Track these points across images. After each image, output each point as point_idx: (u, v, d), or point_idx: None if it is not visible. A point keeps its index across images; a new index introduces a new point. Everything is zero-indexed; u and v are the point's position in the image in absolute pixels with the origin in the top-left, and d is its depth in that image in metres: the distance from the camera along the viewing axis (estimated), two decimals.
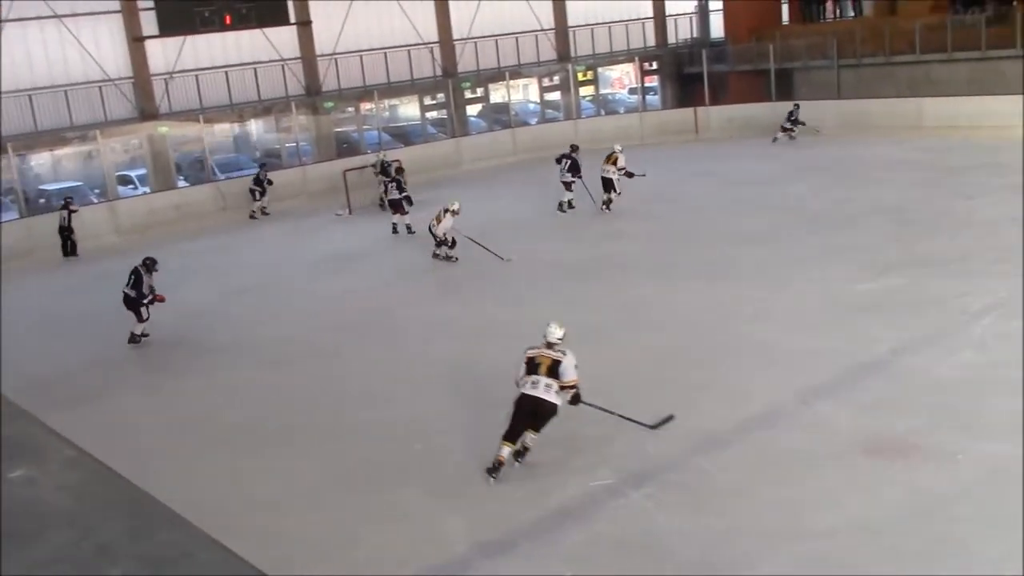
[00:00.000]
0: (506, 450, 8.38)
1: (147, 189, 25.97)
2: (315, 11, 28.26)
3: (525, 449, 8.58)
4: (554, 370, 8.33)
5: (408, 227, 19.53)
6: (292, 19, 27.85)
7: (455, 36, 31.20)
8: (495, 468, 8.35)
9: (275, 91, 27.85)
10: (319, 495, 8.53)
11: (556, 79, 34.13)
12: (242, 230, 21.95)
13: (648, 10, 35.57)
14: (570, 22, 33.62)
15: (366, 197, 23.08)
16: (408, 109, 32.37)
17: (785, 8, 35.07)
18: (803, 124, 25.73)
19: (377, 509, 8.19)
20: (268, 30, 27.40)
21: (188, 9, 25.40)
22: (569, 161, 19.79)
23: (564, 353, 8.44)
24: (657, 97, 36.03)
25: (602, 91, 36.52)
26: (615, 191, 19.35)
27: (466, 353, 11.96)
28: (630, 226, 18.21)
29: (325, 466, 9.14)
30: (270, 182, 23.34)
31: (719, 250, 15.60)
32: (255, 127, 29.53)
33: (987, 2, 26.79)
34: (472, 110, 33.02)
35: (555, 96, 34.72)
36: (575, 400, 8.43)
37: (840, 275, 13.37)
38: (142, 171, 26.75)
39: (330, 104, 29.14)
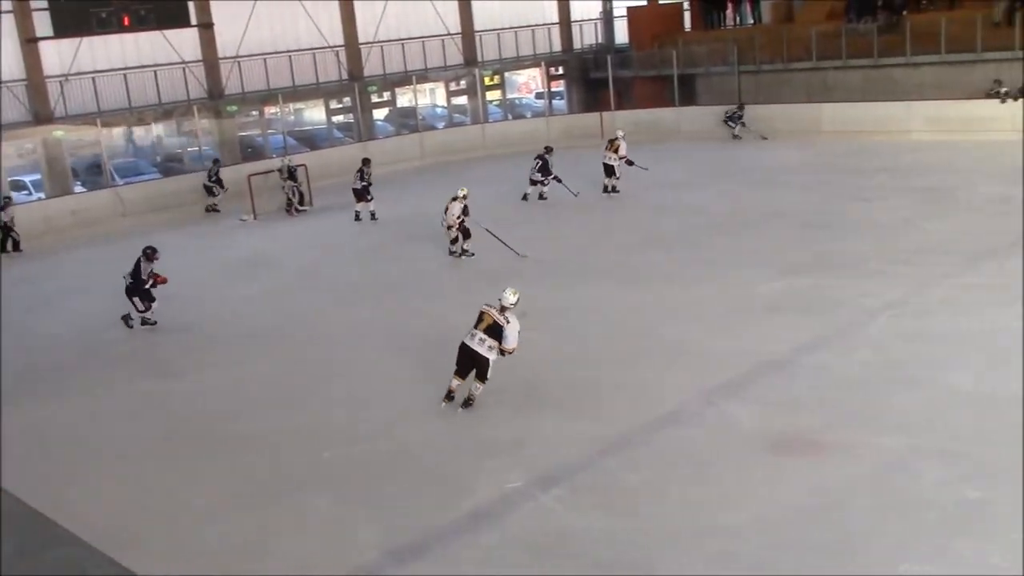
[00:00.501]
0: (455, 382, 9.70)
1: (42, 195, 25.12)
2: (217, 13, 27.70)
3: (471, 398, 9.68)
4: (495, 331, 9.41)
5: (372, 214, 20.39)
6: (193, 21, 27.27)
7: (361, 39, 30.93)
8: (447, 396, 9.75)
9: (176, 94, 27.20)
10: (223, 507, 8.35)
11: (463, 83, 34.14)
12: (142, 236, 21.30)
13: (554, 15, 35.83)
14: (476, 26, 33.64)
15: (271, 202, 22.72)
16: (314, 113, 31.98)
17: (687, 15, 35.67)
18: (744, 125, 26.31)
19: (285, 519, 8.06)
20: (168, 32, 26.78)
21: (84, 10, 24.64)
22: (540, 162, 20.58)
23: (508, 321, 9.45)
24: (563, 102, 36.30)
25: (509, 95, 36.65)
26: (616, 176, 20.43)
27: (377, 358, 11.87)
28: (540, 229, 18.29)
29: (230, 477, 8.96)
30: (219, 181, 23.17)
31: (628, 252, 15.78)
32: (156, 131, 28.81)
33: (878, 12, 27.66)
34: (379, 114, 32.80)
35: (462, 100, 34.71)
36: (503, 354, 9.50)
37: (746, 277, 13.63)
38: (36, 176, 25.87)
39: (233, 107, 28.60)
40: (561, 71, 35.98)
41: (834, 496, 7.61)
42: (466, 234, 16.27)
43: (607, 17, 36.25)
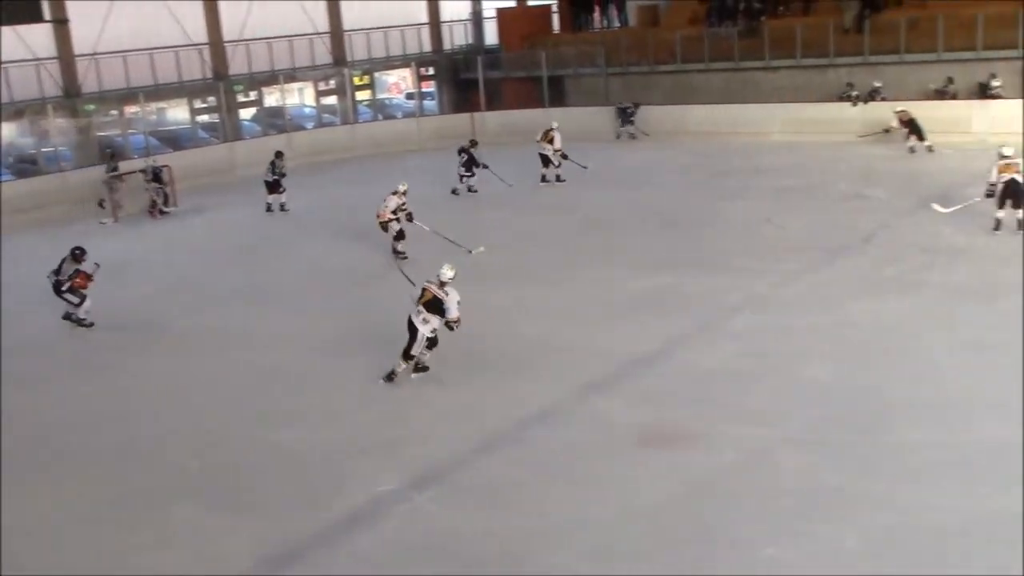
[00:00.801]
0: (402, 364, 10.31)
1: None
2: (73, 9, 26.59)
3: (425, 367, 10.48)
4: (435, 305, 10.10)
5: (282, 205, 20.59)
6: (47, 16, 26.15)
7: (226, 37, 30.20)
8: (389, 376, 10.35)
9: (29, 92, 26.02)
10: (82, 521, 8.05)
11: (332, 83, 33.69)
12: None
13: (423, 15, 35.72)
14: (345, 26, 33.26)
15: (134, 204, 21.99)
16: (177, 112, 31.04)
17: (556, 17, 36.08)
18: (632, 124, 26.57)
19: (152, 533, 7.81)
20: (21, 27, 25.61)
21: None
22: (466, 156, 20.85)
23: (447, 294, 10.14)
24: (434, 102, 36.24)
25: (379, 96, 36.37)
26: (555, 165, 20.84)
27: (243, 364, 11.64)
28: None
29: (89, 492, 8.61)
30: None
31: (496, 251, 15.84)
32: (7, 130, 27.47)
33: (739, 17, 28.57)
34: (245, 114, 32.08)
35: (332, 100, 34.28)
36: (451, 327, 10.18)
37: (613, 275, 13.89)
38: None
39: (91, 107, 27.55)
40: (431, 72, 35.91)
41: (701, 486, 7.83)
42: (400, 235, 15.86)
43: (477, 18, 36.34)
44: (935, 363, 9.93)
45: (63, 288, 13.43)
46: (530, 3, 37.94)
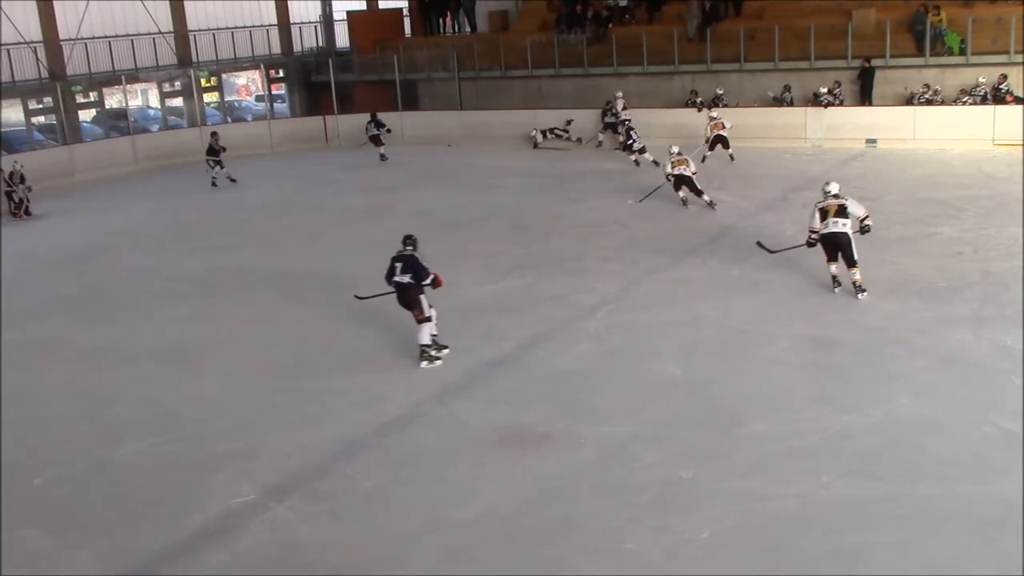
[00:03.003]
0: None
1: None
2: None
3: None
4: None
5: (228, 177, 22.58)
6: None
7: (62, 36, 28.91)
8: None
9: None
10: None
11: (178, 84, 32.70)
12: None
13: (272, 17, 35.04)
14: (190, 26, 32.33)
15: None
16: (10, 113, 29.50)
17: (407, 21, 36.00)
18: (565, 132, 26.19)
19: None
20: None
21: None
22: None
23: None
24: (285, 105, 35.62)
25: (228, 98, 35.49)
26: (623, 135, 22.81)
27: (80, 375, 11.17)
28: (245, 236, 17.85)
29: None
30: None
31: (341, 257, 15.68)
32: None
33: (587, 24, 29.15)
34: (85, 115, 30.78)
35: (178, 102, 33.25)
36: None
37: (466, 278, 13.91)
38: None
39: None
40: (282, 74, 35.28)
41: (560, 484, 7.95)
42: None
43: (327, 20, 35.90)
44: (777, 358, 10.36)
45: None
46: (381, 6, 37.78)
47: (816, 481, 7.69)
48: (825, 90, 23.96)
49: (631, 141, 21.88)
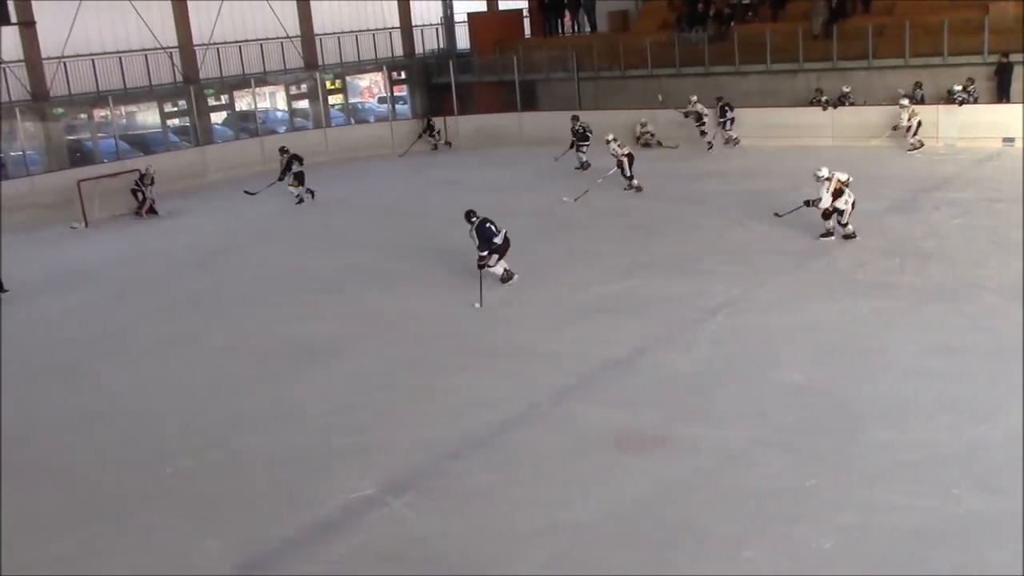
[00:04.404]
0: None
1: None
2: (39, 11, 26.33)
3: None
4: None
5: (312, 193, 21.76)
6: (13, 19, 25.84)
7: (196, 41, 30.02)
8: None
9: None
10: (53, 531, 7.93)
11: (304, 87, 33.59)
12: None
13: (395, 19, 35.67)
14: (316, 29, 33.17)
15: (104, 209, 21.82)
16: (148, 116, 30.82)
17: (527, 22, 36.15)
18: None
19: (124, 538, 7.74)
20: None
21: None
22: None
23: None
24: (407, 106, 36.20)
25: (351, 100, 36.29)
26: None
27: (209, 370, 11.56)
28: (367, 236, 18.19)
29: (62, 498, 8.52)
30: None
31: (464, 257, 15.80)
32: None
33: (708, 22, 28.75)
34: (217, 118, 31.91)
35: (304, 104, 34.16)
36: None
37: (585, 278, 13.90)
38: None
39: (59, 110, 27.27)
40: (404, 76, 35.88)
41: (677, 489, 7.84)
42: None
43: (448, 22, 36.37)
44: (905, 364, 10.02)
45: None
46: (501, 7, 38.02)
47: (946, 494, 7.40)
48: (959, 87, 23.03)
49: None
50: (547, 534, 7.32)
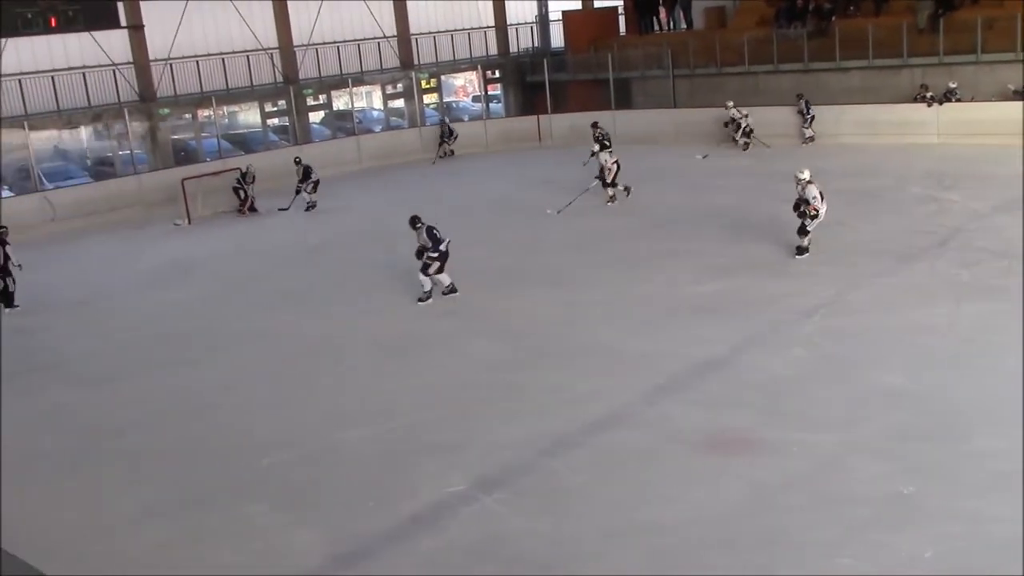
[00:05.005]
0: None
1: None
2: (147, 14, 27.24)
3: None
4: None
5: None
6: (123, 22, 26.77)
7: (295, 42, 30.65)
8: None
9: (106, 97, 26.69)
10: (153, 521, 8.18)
11: (400, 87, 34.00)
12: (71, 241, 20.93)
13: (489, 19, 35.86)
14: (412, 29, 33.55)
15: (206, 207, 22.45)
16: (248, 116, 31.59)
17: (622, 19, 35.93)
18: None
19: (221, 527, 7.96)
20: (97, 33, 26.27)
21: (9, 10, 24.07)
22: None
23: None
24: (501, 105, 36.35)
25: (446, 99, 36.59)
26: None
27: (306, 366, 11.78)
28: (472, 233, 18.25)
29: (162, 487, 8.80)
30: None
31: (563, 256, 15.83)
32: (85, 134, 28.19)
33: (808, 18, 28.15)
34: (315, 117, 32.53)
35: (399, 104, 34.58)
36: None
37: (680, 278, 13.77)
38: None
39: (165, 110, 28.14)
40: (498, 74, 36.03)
41: (770, 493, 7.71)
42: None
43: (543, 21, 36.38)
44: (1011, 371, 9.65)
45: None
46: (596, 5, 37.88)
47: None
48: None
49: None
50: (638, 534, 7.28)
